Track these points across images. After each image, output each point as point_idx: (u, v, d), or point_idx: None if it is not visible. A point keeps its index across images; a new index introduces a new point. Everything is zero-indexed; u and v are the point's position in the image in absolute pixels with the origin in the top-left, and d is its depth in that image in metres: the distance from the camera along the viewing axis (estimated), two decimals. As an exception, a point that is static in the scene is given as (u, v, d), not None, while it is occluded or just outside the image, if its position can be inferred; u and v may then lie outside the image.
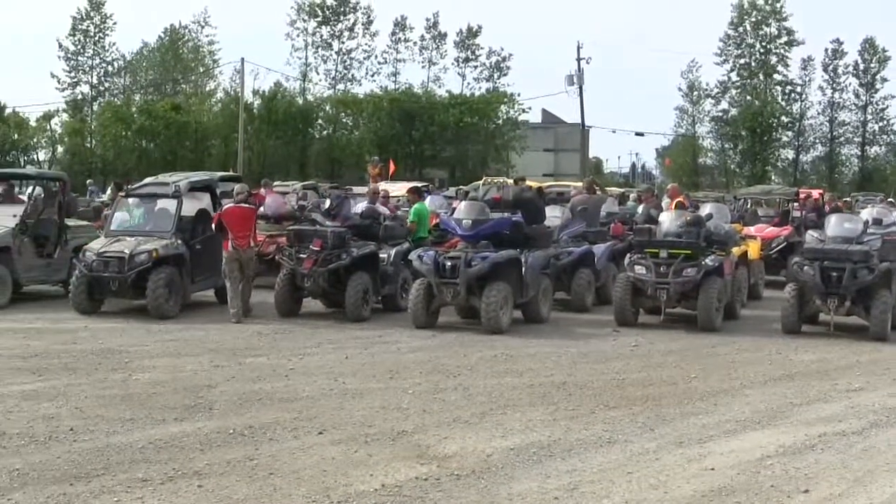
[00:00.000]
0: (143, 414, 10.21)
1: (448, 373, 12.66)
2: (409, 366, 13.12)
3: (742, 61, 79.00)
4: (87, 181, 48.47)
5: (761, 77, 79.08)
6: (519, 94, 75.37)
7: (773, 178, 76.00)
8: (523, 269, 16.65)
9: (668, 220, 17.97)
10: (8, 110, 74.62)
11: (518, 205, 17.51)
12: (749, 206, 28.21)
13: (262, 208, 22.82)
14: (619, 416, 10.49)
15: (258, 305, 18.15)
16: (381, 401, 10.95)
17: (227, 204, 18.04)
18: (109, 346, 14.37)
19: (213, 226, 17.87)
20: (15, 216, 19.36)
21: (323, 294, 17.86)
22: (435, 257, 16.24)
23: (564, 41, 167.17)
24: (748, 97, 78.44)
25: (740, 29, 78.99)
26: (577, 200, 21.15)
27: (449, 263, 16.10)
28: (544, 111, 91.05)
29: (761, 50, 78.82)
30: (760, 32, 78.74)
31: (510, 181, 22.11)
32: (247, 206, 18.00)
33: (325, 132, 75.69)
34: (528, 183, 23.48)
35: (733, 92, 79.54)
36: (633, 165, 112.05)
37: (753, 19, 78.74)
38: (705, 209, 19.72)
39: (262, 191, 24.86)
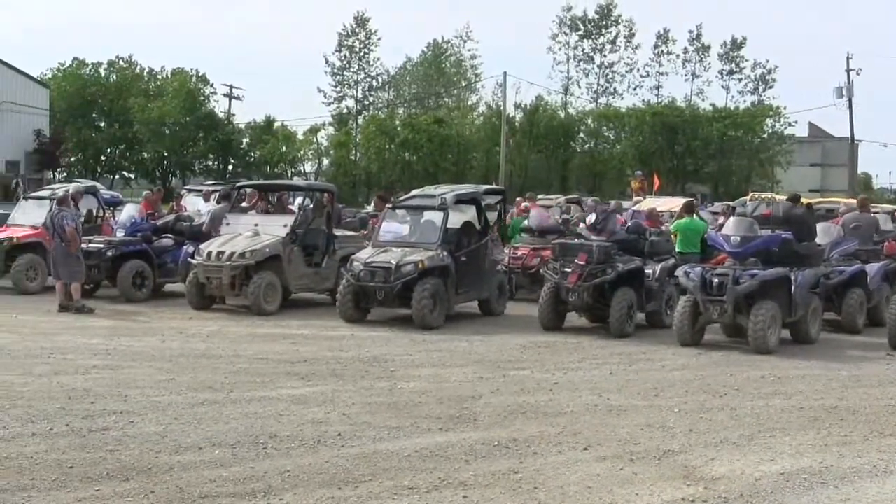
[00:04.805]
0: (409, 422, 10.35)
1: (714, 392, 12.39)
2: (674, 384, 12.91)
3: None
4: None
5: None
6: (785, 108, 73.82)
7: None
8: (792, 287, 16.14)
9: (948, 239, 17.19)
10: (277, 124, 77.42)
11: (788, 221, 17.04)
12: None
13: (525, 221, 22.98)
14: (894, 444, 10.04)
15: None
16: (645, 418, 10.80)
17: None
18: (375, 355, 14.65)
19: None
20: (285, 226, 19.96)
21: (587, 309, 17.79)
22: (702, 273, 15.95)
23: (833, 52, 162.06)
24: None
25: None
26: (850, 218, 20.45)
27: (716, 280, 15.74)
28: (811, 125, 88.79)
29: None
30: None
31: (778, 197, 21.50)
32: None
33: (586, 146, 75.64)
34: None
35: None
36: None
37: None
38: None
39: (525, 204, 25.08)
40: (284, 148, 75.44)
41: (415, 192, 20.65)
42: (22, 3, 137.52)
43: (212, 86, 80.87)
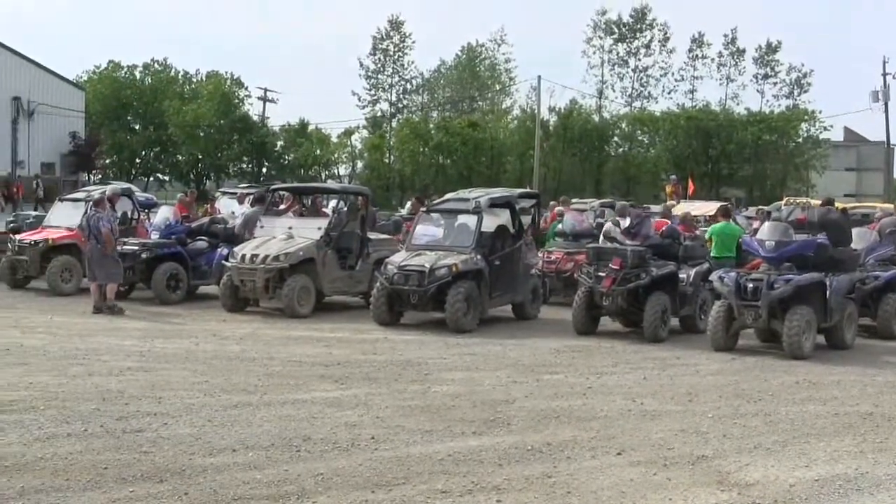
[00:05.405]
0: (442, 426, 10.35)
1: (748, 397, 12.33)
2: (708, 389, 12.86)
3: None
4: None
5: None
6: (820, 112, 72.95)
7: None
8: (827, 292, 16.03)
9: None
10: (311, 127, 77.52)
11: (823, 226, 16.94)
12: None
13: (559, 226, 22.93)
14: (932, 450, 9.97)
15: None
16: (679, 423, 10.76)
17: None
18: (408, 358, 14.65)
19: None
20: (319, 229, 19.99)
21: (621, 313, 17.74)
22: (736, 278, 15.86)
23: (869, 56, 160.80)
24: None
25: None
26: (886, 223, 20.31)
27: (750, 285, 15.66)
28: (846, 129, 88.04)
29: None
30: None
31: (813, 202, 21.39)
32: None
33: (620, 150, 75.36)
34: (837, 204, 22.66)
35: None
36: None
37: None
38: None
39: (559, 208, 25.03)
40: (318, 151, 75.38)
41: (449, 195, 20.66)
42: (60, 4, 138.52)
43: (246, 89, 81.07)
